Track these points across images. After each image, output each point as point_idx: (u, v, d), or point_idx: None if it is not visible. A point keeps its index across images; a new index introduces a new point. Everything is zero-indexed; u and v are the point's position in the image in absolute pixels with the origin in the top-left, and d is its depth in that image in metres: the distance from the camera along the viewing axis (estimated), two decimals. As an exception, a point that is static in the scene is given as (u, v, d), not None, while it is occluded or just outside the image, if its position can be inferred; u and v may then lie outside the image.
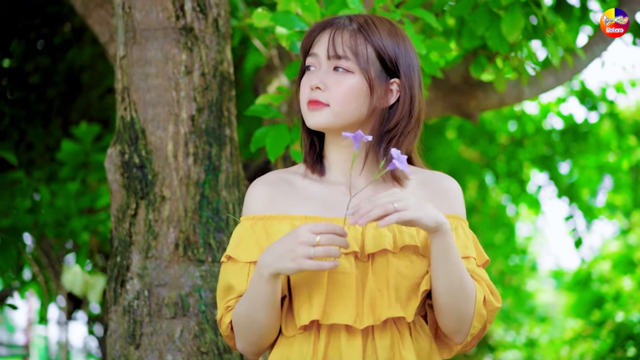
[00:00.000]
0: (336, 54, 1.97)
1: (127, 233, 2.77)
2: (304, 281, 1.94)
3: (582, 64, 4.11)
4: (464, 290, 1.94)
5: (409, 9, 2.99)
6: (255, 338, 2.01)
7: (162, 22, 2.80)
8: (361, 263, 1.95)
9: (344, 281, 1.92)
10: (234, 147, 2.89)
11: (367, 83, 1.97)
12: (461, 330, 1.98)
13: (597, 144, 7.81)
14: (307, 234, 1.82)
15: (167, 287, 2.73)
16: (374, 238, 1.94)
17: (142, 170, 2.77)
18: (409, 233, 1.96)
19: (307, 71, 2.03)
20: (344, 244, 1.83)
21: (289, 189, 2.06)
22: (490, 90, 4.27)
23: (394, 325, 1.96)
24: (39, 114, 6.07)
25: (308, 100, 1.99)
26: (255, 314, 1.95)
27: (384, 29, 2.01)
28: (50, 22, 5.89)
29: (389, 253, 1.94)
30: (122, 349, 2.73)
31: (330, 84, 1.97)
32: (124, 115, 2.82)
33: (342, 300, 1.92)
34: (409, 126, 2.04)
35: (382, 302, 1.92)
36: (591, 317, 9.84)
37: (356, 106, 1.98)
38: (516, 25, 3.12)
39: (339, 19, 2.02)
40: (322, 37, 2.01)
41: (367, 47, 1.98)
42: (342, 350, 1.92)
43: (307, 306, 1.93)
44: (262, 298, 1.92)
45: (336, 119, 1.97)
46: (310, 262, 1.82)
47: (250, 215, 2.04)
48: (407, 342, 1.96)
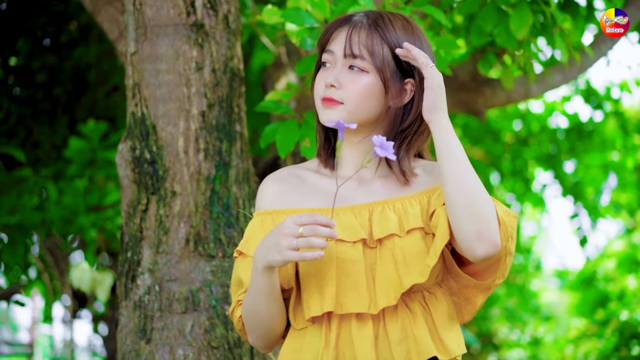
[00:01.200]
0: (352, 53, 1.98)
1: (138, 228, 2.78)
2: (313, 272, 1.95)
3: (589, 61, 4.12)
4: (477, 183, 1.91)
5: (418, 6, 3.00)
6: (262, 331, 2.03)
7: (172, 19, 2.82)
8: (369, 250, 1.96)
9: (354, 269, 1.94)
10: (244, 143, 2.91)
11: (382, 83, 1.99)
12: (484, 235, 1.89)
13: (602, 142, 7.80)
14: (291, 226, 1.84)
15: (178, 282, 2.74)
16: (381, 223, 1.96)
17: (153, 165, 2.78)
18: (413, 214, 1.97)
19: (322, 67, 2.04)
20: (328, 234, 1.83)
21: (300, 184, 2.08)
22: (497, 88, 4.28)
23: (404, 306, 1.96)
24: (45, 112, 6.09)
25: (322, 97, 2.01)
26: (257, 306, 1.97)
27: (400, 28, 2.02)
28: (57, 20, 5.91)
29: (395, 237, 1.95)
30: (133, 343, 2.74)
31: (345, 83, 1.98)
32: (135, 111, 2.84)
33: (354, 288, 1.93)
34: (423, 126, 2.05)
35: (393, 283, 1.93)
36: (595, 316, 9.83)
37: (370, 105, 2.00)
38: (524, 22, 3.13)
39: (355, 16, 2.03)
40: (339, 35, 2.02)
41: (383, 47, 1.99)
42: (353, 338, 1.93)
43: (317, 297, 1.94)
44: (260, 290, 1.95)
45: (350, 117, 1.99)
46: (293, 254, 1.83)
47: (260, 211, 2.07)
48: (419, 319, 1.96)
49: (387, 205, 1.98)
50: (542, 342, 11.74)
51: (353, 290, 1.94)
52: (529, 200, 9.06)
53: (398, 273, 1.93)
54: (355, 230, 1.95)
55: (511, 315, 12.06)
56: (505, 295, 11.81)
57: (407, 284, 1.91)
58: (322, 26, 2.83)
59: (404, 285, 1.92)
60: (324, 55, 2.04)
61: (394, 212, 1.97)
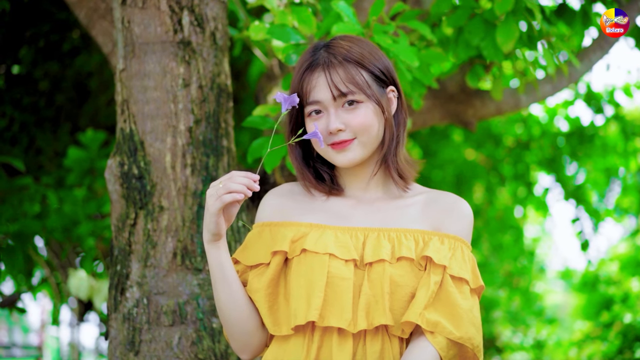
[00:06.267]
0: (341, 92, 2.04)
1: (126, 242, 2.84)
2: (304, 283, 2.02)
3: (578, 72, 4.14)
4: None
5: (405, 21, 3.04)
6: (230, 328, 2.11)
7: (160, 36, 2.86)
8: (359, 270, 2.03)
9: (342, 286, 2.00)
10: (231, 158, 2.96)
11: (376, 104, 2.07)
12: None
13: (603, 146, 7.81)
14: (214, 185, 1.98)
15: (166, 295, 2.79)
16: (374, 248, 2.02)
17: (141, 181, 2.83)
18: (406, 245, 2.03)
19: (311, 116, 2.09)
20: (245, 182, 1.95)
21: (300, 199, 2.17)
22: (487, 99, 4.31)
23: (386, 332, 2.02)
24: (48, 120, 6.15)
25: (332, 143, 2.07)
26: (217, 296, 2.08)
27: (357, 44, 2.09)
28: (59, 28, 5.96)
29: (385, 262, 2.00)
30: (122, 355, 2.79)
31: (348, 120, 2.06)
32: (123, 127, 2.89)
33: (339, 304, 2.00)
34: (406, 123, 2.18)
35: (377, 308, 1.99)
36: (599, 318, 9.83)
37: (376, 128, 2.09)
38: (511, 35, 3.16)
39: (318, 57, 2.08)
40: (316, 81, 2.07)
41: (361, 73, 2.07)
42: (333, 353, 1.99)
43: (304, 307, 2.00)
44: (213, 275, 2.06)
45: (365, 150, 2.08)
46: (214, 200, 1.96)
47: (259, 223, 2.16)
48: (396, 349, 2.02)
49: (382, 234, 2.06)
50: (546, 344, 11.73)
51: (338, 306, 2.00)
52: (531, 203, 9.07)
53: (383, 302, 1.99)
54: (349, 250, 2.02)
55: (514, 317, 12.06)
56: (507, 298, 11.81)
57: (384, 321, 1.98)
58: (308, 42, 2.87)
59: (382, 320, 1.98)
60: (309, 107, 2.09)
61: (388, 240, 2.04)
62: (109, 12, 3.63)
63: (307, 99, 2.07)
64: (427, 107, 4.18)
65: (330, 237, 2.04)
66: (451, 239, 2.06)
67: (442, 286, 2.01)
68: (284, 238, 2.07)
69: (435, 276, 2.00)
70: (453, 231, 2.08)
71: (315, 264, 2.01)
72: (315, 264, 2.01)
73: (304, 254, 2.03)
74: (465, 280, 2.03)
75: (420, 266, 2.03)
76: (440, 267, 2.01)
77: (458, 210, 2.11)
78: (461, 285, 2.03)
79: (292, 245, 2.06)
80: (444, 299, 2.00)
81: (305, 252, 2.03)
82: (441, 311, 1.98)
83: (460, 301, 2.00)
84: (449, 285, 2.00)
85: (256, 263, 2.10)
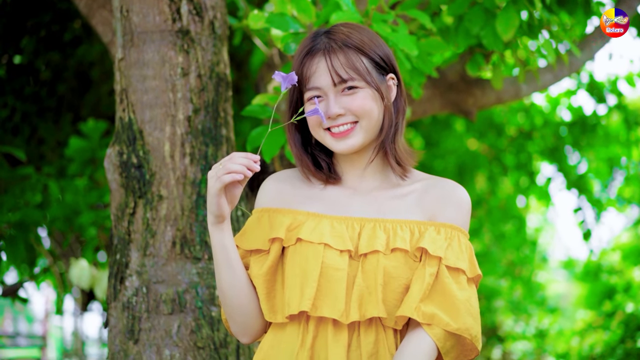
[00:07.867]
0: (342, 78, 2.04)
1: (126, 231, 2.84)
2: (299, 272, 2.02)
3: (579, 61, 4.13)
4: None
5: (405, 9, 3.04)
6: (231, 311, 2.11)
7: (159, 25, 2.86)
8: (354, 261, 2.03)
9: (336, 277, 2.00)
10: (230, 147, 2.96)
11: (376, 90, 2.06)
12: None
13: (605, 136, 7.80)
14: (215, 167, 1.98)
15: (165, 284, 2.80)
16: (369, 239, 2.02)
17: (140, 170, 2.83)
18: (401, 236, 2.03)
19: (310, 102, 2.08)
20: (245, 162, 1.95)
21: (299, 186, 2.17)
22: (487, 88, 4.30)
23: (380, 324, 2.02)
24: (49, 110, 6.16)
25: (333, 133, 2.07)
26: (218, 277, 2.08)
27: (357, 31, 2.09)
28: (61, 18, 5.96)
29: (379, 254, 2.00)
30: (121, 344, 2.81)
31: (349, 105, 2.05)
32: (122, 116, 2.89)
33: (332, 294, 2.00)
34: (405, 111, 2.17)
35: (370, 300, 1.99)
36: (602, 308, 9.84)
37: (376, 114, 2.08)
38: (511, 24, 3.15)
39: (318, 43, 2.08)
40: (317, 67, 2.06)
41: (361, 59, 2.06)
42: (328, 343, 2.00)
43: (298, 296, 2.01)
44: (216, 256, 2.06)
45: (366, 135, 2.07)
46: (214, 181, 1.97)
47: (259, 208, 2.16)
48: (391, 339, 2.02)
49: (378, 224, 2.05)
50: (548, 334, 11.74)
51: (331, 296, 2.00)
52: (533, 193, 9.06)
53: (376, 293, 1.99)
54: (344, 240, 2.02)
55: (516, 307, 12.07)
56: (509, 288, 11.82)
57: (376, 314, 1.98)
58: (307, 31, 2.87)
59: (374, 313, 1.98)
60: (308, 92, 2.08)
61: (384, 231, 2.04)
62: (108, 1, 3.63)
63: (307, 84, 2.07)
64: (427, 96, 4.17)
65: (326, 226, 2.04)
66: (447, 228, 2.06)
67: (437, 277, 2.00)
68: (281, 225, 2.08)
69: (431, 268, 2.00)
70: (450, 219, 2.08)
71: (309, 253, 2.01)
72: (309, 253, 2.01)
73: (300, 243, 2.03)
74: (462, 270, 2.03)
75: (415, 257, 2.03)
76: (435, 259, 2.01)
77: (455, 198, 2.11)
78: (457, 276, 2.02)
79: (288, 233, 2.06)
80: (440, 291, 1.99)
81: (300, 242, 2.03)
82: (437, 303, 1.98)
83: (456, 292, 1.99)
84: (445, 277, 2.00)
85: (254, 248, 2.10)
